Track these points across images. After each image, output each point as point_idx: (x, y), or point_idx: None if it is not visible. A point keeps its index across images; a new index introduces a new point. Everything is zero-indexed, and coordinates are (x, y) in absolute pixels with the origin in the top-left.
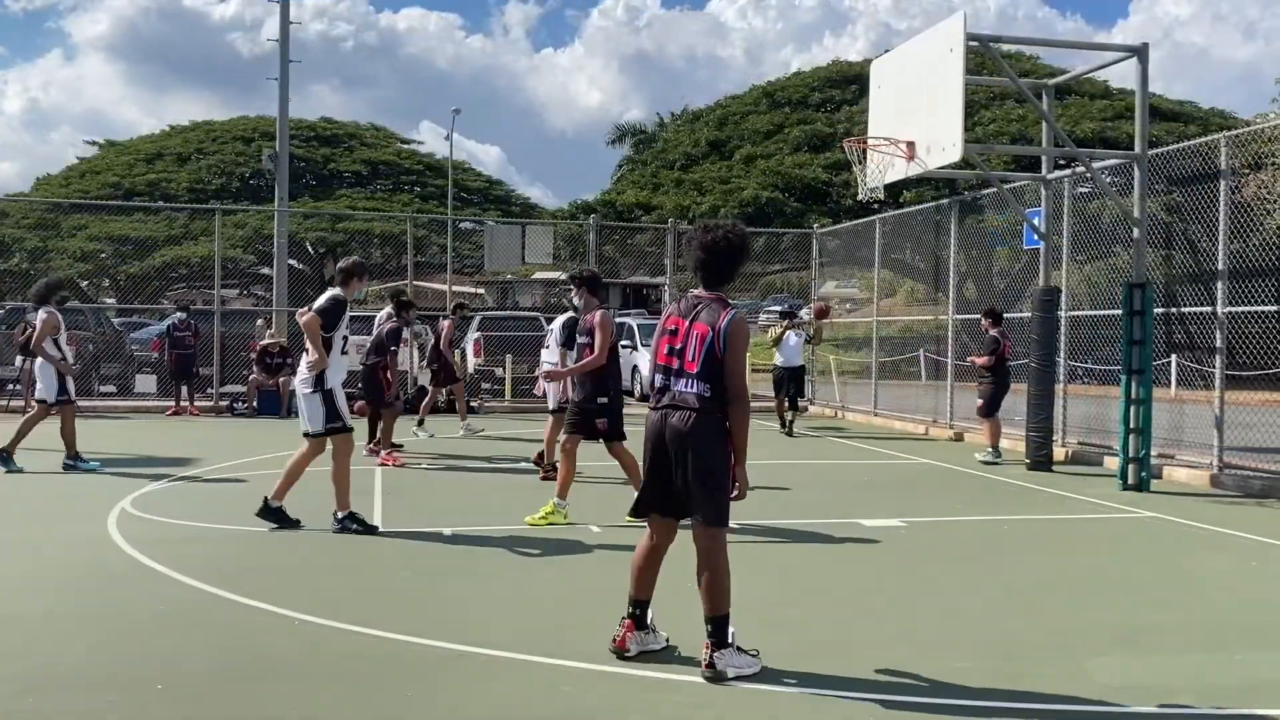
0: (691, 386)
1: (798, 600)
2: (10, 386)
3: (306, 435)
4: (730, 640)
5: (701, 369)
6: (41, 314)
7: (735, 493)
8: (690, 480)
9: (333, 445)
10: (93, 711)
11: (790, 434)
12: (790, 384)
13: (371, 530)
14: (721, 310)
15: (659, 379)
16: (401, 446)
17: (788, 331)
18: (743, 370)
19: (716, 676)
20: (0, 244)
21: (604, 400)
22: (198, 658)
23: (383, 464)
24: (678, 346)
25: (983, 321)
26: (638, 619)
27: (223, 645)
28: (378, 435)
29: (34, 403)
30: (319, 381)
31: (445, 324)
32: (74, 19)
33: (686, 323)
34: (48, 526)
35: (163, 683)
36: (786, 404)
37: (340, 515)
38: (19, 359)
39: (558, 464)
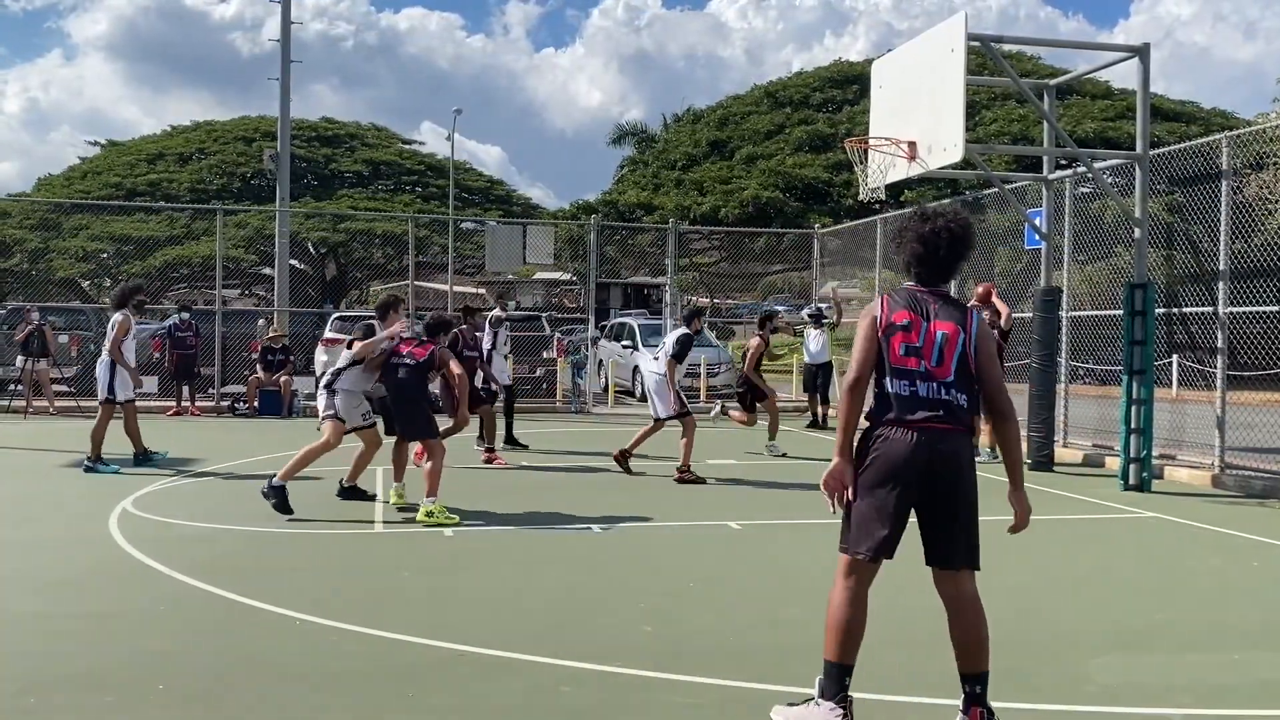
0: (954, 397)
1: (797, 600)
2: (11, 387)
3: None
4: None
5: (956, 378)
6: (118, 316)
7: (1016, 524)
8: (961, 516)
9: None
10: (93, 711)
11: (825, 426)
12: (820, 379)
13: (285, 509)
14: (965, 310)
15: (903, 386)
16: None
17: (815, 330)
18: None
19: None
20: (1, 244)
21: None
22: (198, 657)
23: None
24: (916, 344)
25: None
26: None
27: (223, 645)
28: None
29: (102, 404)
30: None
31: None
32: (74, 19)
33: (922, 320)
34: (49, 526)
35: (164, 682)
36: (819, 399)
37: (275, 482)
38: (20, 359)
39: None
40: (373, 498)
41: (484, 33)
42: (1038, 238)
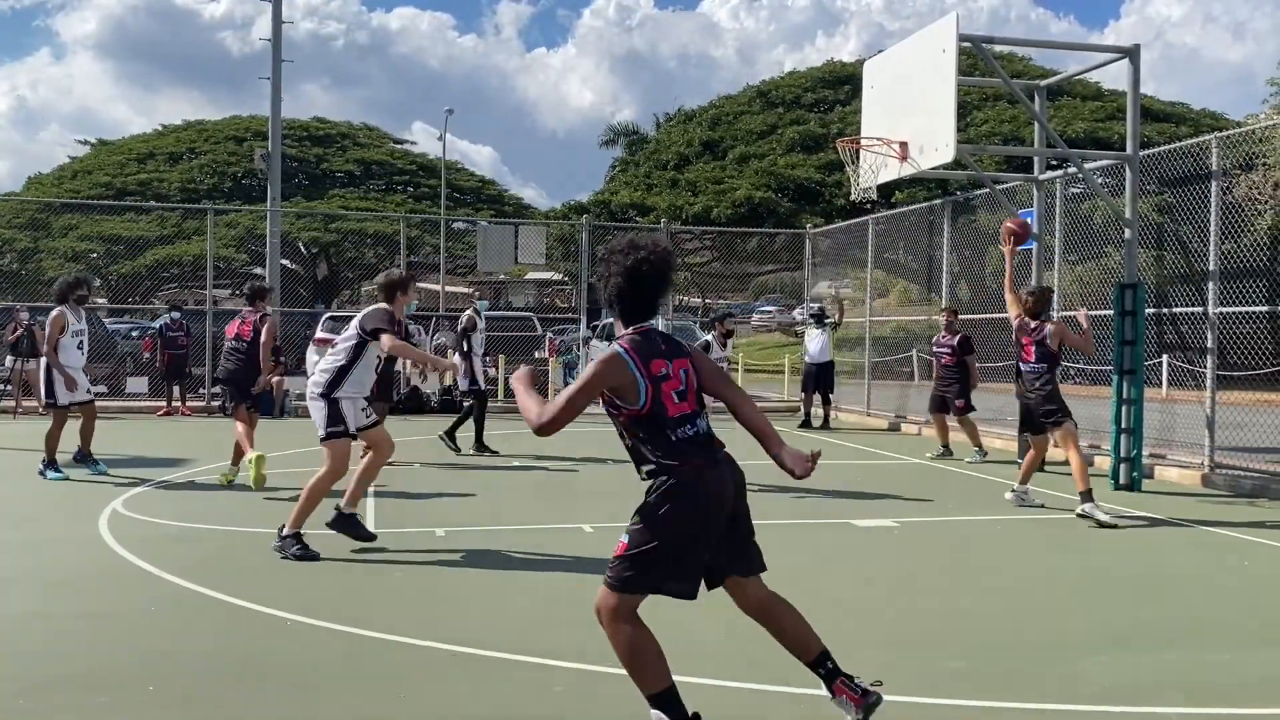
0: (707, 423)
1: (791, 601)
2: (1, 387)
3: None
4: None
5: (699, 405)
6: (53, 313)
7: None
8: (747, 528)
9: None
10: (86, 711)
11: (828, 426)
12: (820, 380)
13: (310, 556)
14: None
15: (686, 431)
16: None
17: (817, 330)
18: None
19: None
20: None
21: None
22: (189, 658)
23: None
24: (680, 388)
25: (947, 318)
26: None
27: (214, 646)
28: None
29: (46, 410)
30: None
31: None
32: (62, 18)
33: (668, 362)
34: (39, 527)
35: (154, 684)
36: (817, 399)
37: (285, 533)
38: (9, 359)
39: None
40: (372, 538)
41: (475, 32)
42: (1028, 238)
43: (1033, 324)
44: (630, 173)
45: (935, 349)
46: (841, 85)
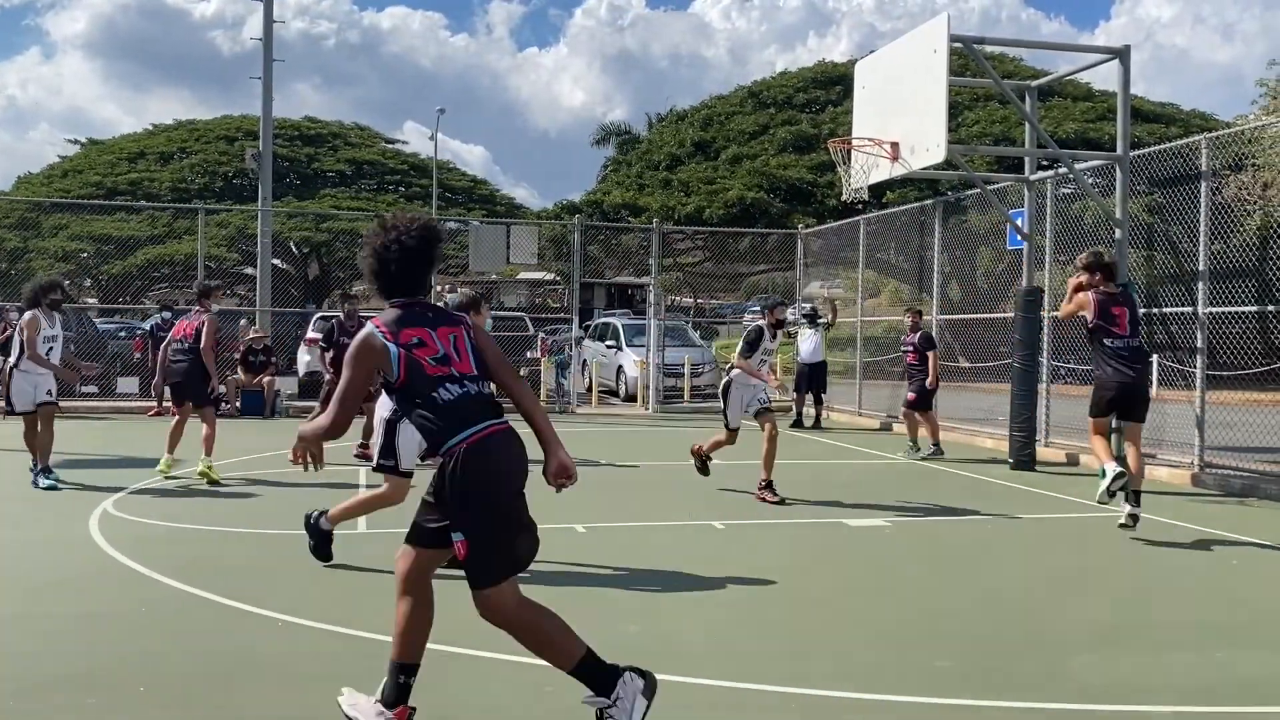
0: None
1: (782, 600)
2: None
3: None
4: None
5: (480, 371)
6: (25, 317)
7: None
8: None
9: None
10: (77, 713)
11: (819, 426)
12: (812, 380)
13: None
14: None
15: (453, 390)
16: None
17: (809, 330)
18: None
19: None
20: None
21: None
22: (180, 659)
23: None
24: (438, 355)
25: (911, 319)
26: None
27: (206, 646)
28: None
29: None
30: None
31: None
32: (52, 16)
33: (430, 330)
34: (29, 528)
35: (145, 684)
36: (810, 399)
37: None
38: None
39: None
40: (329, 559)
41: (467, 32)
42: (1019, 238)
43: (1118, 290)
44: (622, 173)
45: (901, 348)
46: (833, 85)
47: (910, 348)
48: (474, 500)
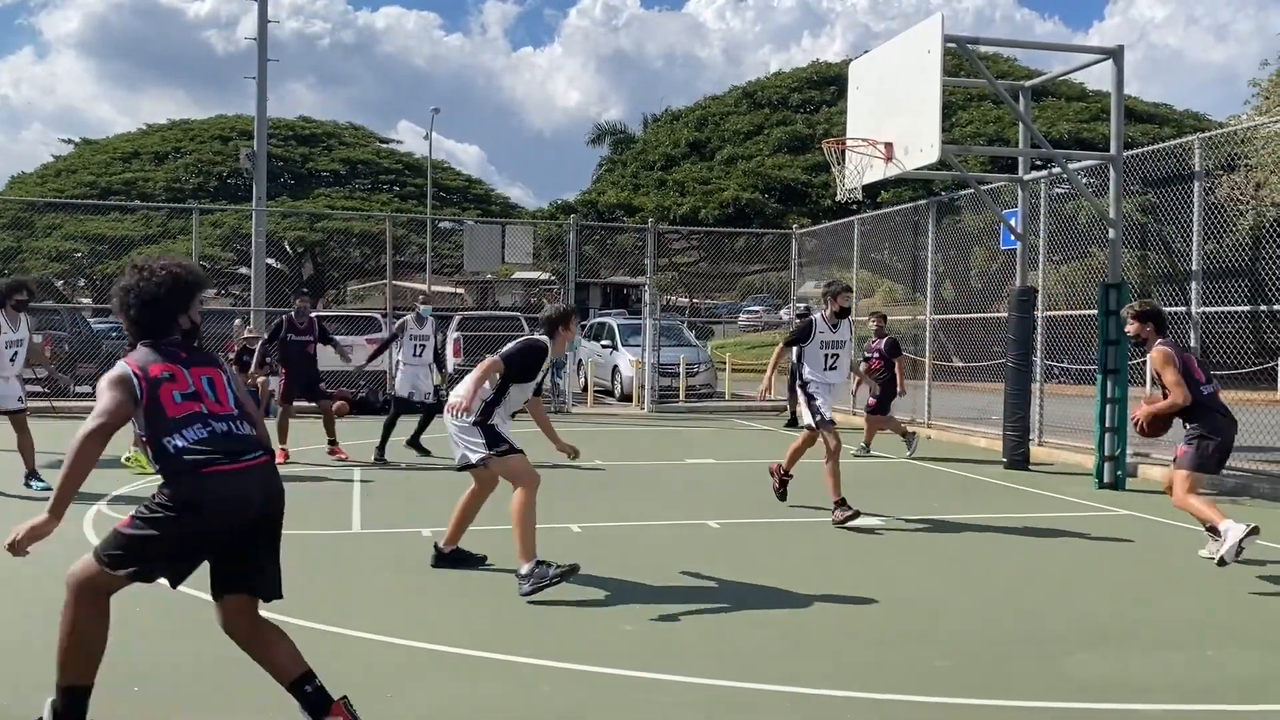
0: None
1: (778, 598)
2: None
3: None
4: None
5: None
6: None
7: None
8: (269, 546)
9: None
10: None
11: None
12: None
13: (570, 569)
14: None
15: (195, 432)
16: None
17: None
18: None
19: None
20: None
21: None
22: (174, 659)
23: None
24: (188, 391)
25: (876, 324)
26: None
27: (199, 646)
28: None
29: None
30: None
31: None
32: (45, 15)
33: (182, 369)
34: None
35: (139, 684)
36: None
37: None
38: None
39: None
40: (483, 559)
41: (461, 31)
42: (1013, 238)
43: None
44: (617, 173)
45: (866, 352)
46: (827, 86)
47: (876, 354)
48: (169, 514)
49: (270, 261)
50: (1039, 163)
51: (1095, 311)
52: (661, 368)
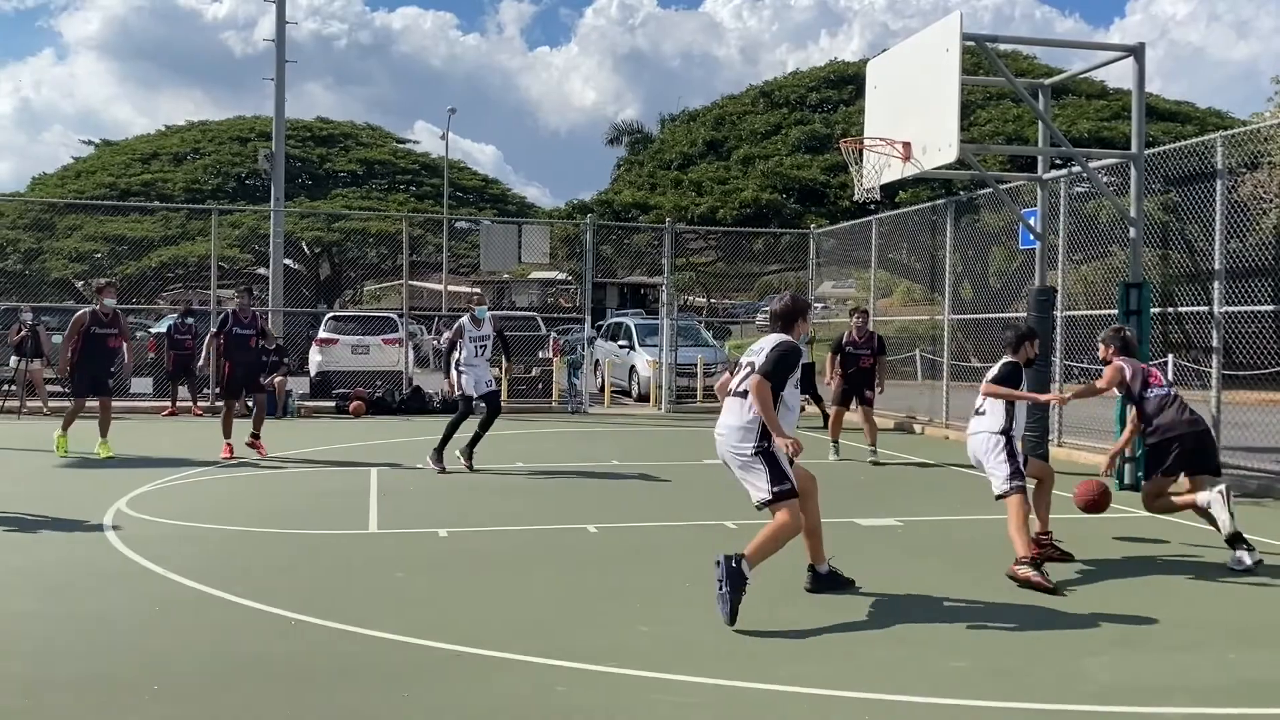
0: None
1: (794, 600)
2: (5, 387)
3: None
4: None
5: None
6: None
7: None
8: None
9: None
10: (89, 712)
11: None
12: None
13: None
14: None
15: None
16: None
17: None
18: None
19: None
20: None
21: None
22: (193, 658)
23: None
24: None
25: (858, 320)
26: None
27: (218, 645)
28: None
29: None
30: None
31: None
32: (65, 18)
33: None
34: (44, 526)
35: (158, 683)
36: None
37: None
38: (13, 359)
39: None
40: (850, 582)
41: (478, 31)
42: (1032, 238)
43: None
44: (634, 172)
45: (853, 350)
46: (845, 85)
47: (868, 352)
48: None
49: (288, 262)
50: (1059, 161)
51: (1115, 311)
52: (679, 368)
